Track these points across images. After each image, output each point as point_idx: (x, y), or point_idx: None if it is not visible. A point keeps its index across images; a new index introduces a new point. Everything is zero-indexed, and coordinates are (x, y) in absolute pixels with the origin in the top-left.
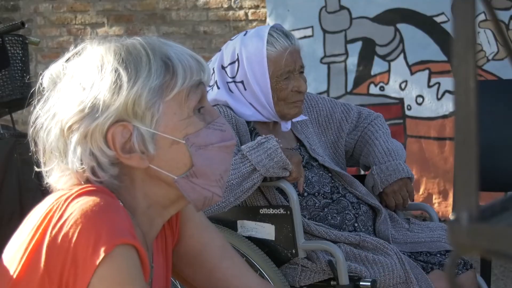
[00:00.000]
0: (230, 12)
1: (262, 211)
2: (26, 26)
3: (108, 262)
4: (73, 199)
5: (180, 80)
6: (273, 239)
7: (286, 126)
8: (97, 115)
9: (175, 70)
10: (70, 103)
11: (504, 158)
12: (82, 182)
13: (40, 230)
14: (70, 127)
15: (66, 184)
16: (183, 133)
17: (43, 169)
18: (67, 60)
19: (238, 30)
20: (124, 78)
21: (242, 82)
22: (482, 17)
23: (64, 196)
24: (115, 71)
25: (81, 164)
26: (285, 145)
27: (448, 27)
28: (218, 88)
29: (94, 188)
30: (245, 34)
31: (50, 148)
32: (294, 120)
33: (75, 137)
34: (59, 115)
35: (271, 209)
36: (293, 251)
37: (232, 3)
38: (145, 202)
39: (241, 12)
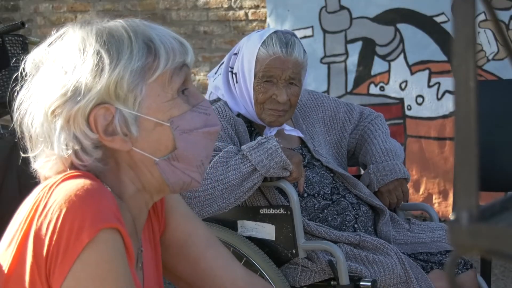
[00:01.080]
0: (230, 12)
1: (262, 211)
2: (26, 26)
3: (91, 247)
4: (57, 185)
5: (163, 62)
6: (273, 239)
7: (269, 131)
8: (79, 98)
9: (158, 52)
10: (53, 87)
11: (504, 158)
12: (68, 167)
13: (27, 221)
14: (53, 111)
15: (51, 169)
16: (167, 115)
17: (30, 154)
18: (50, 45)
19: (238, 30)
20: (106, 60)
21: (236, 74)
22: (482, 17)
23: (49, 185)
24: (97, 54)
25: (66, 148)
26: (286, 145)
27: (448, 27)
28: (221, 74)
29: (78, 173)
30: (258, 31)
31: (35, 133)
32: (287, 130)
33: (59, 121)
34: (42, 100)
35: (271, 209)
36: (293, 251)
37: (232, 3)
38: (132, 187)
39: (241, 12)
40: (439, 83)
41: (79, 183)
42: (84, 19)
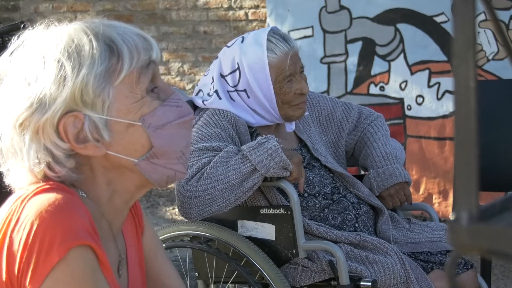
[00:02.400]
0: (230, 12)
1: (263, 211)
2: (26, 26)
3: (62, 266)
4: (29, 199)
5: (127, 62)
6: (274, 239)
7: (290, 127)
8: (45, 109)
9: (121, 53)
10: (18, 100)
11: (504, 158)
12: (40, 179)
13: (0, 235)
14: (21, 124)
15: (25, 181)
16: (138, 115)
17: (1, 169)
18: (11, 54)
19: (238, 30)
20: (68, 68)
21: (244, 90)
22: (482, 17)
23: (21, 198)
24: (58, 62)
25: (38, 161)
26: (286, 146)
27: (448, 27)
28: (220, 98)
29: (50, 186)
30: (242, 41)
31: (5, 147)
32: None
33: (28, 134)
34: (9, 113)
35: (272, 209)
36: (294, 251)
37: (232, 3)
38: (108, 190)
39: (241, 12)
40: (439, 83)
41: (51, 198)
42: (41, 22)
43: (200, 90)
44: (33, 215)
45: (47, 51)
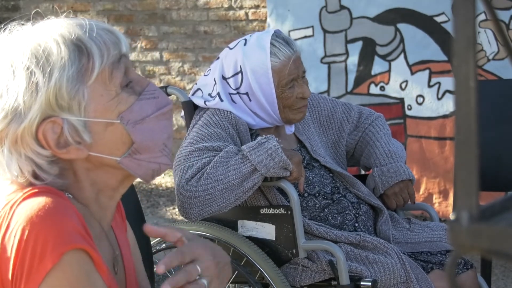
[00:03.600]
0: (231, 12)
1: (263, 211)
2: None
3: (56, 272)
4: (18, 205)
5: (98, 60)
6: (274, 239)
7: (290, 129)
8: (21, 118)
9: (90, 51)
10: None
11: (504, 158)
12: (26, 186)
13: None
14: None
15: (10, 190)
16: (115, 113)
17: None
18: None
19: (238, 30)
20: (38, 74)
21: (246, 93)
22: (482, 17)
23: (10, 203)
24: (28, 69)
25: (21, 172)
26: (285, 146)
27: (448, 27)
28: (222, 100)
29: (38, 189)
30: (245, 44)
31: None
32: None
33: (6, 145)
34: None
35: (272, 209)
36: (294, 251)
37: (232, 3)
38: (93, 190)
39: (241, 12)
40: (439, 83)
41: (40, 202)
42: (4, 28)
43: (198, 89)
44: (24, 221)
45: (14, 59)
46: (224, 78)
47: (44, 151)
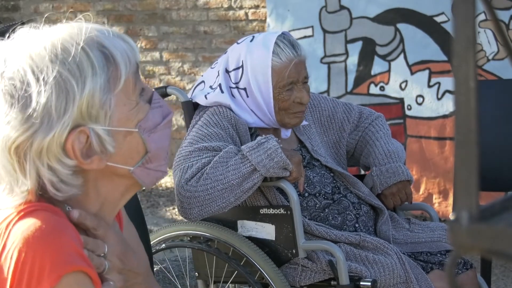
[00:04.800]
0: (230, 12)
1: (263, 211)
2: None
3: None
4: (14, 224)
5: (123, 68)
6: (274, 239)
7: (285, 133)
8: (49, 128)
9: (115, 59)
10: (12, 121)
11: (504, 158)
12: (34, 200)
13: None
14: (17, 147)
15: (12, 203)
16: (134, 122)
17: None
18: None
19: (238, 30)
20: (72, 82)
21: (245, 89)
22: (482, 17)
23: (5, 222)
24: (60, 77)
25: (39, 181)
26: (285, 146)
27: (448, 27)
28: (222, 92)
29: (34, 208)
30: (251, 40)
31: None
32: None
33: (28, 156)
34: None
35: (272, 209)
36: (294, 251)
37: (232, 3)
38: (98, 202)
39: (241, 12)
40: (439, 83)
41: (36, 223)
42: (19, 32)
43: (202, 82)
44: (20, 242)
45: (41, 66)
46: (227, 71)
47: (70, 160)
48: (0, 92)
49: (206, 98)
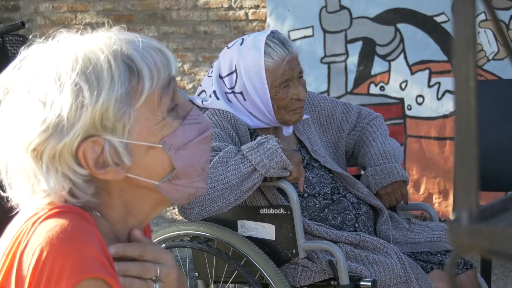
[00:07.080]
0: (230, 12)
1: (263, 211)
2: (26, 26)
3: None
4: (40, 222)
5: (148, 83)
6: (274, 239)
7: (287, 130)
8: (62, 135)
9: (140, 73)
10: (31, 122)
11: (504, 158)
12: (59, 202)
13: (10, 256)
14: (34, 149)
15: (37, 204)
16: (158, 137)
17: (8, 191)
18: (17, 67)
19: (238, 30)
20: (86, 92)
21: (241, 93)
22: (482, 17)
23: (32, 219)
24: (75, 86)
25: (58, 186)
26: (285, 146)
27: (448, 27)
28: (218, 98)
29: (63, 209)
30: (241, 43)
31: (13, 169)
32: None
33: (44, 158)
34: (19, 134)
35: (272, 209)
36: (294, 251)
37: (232, 3)
38: (124, 212)
39: (241, 12)
40: (439, 83)
41: (63, 224)
42: (49, 34)
43: (203, 91)
44: (43, 241)
45: (62, 72)
46: (220, 77)
47: (82, 170)
48: (27, 94)
49: (203, 104)
